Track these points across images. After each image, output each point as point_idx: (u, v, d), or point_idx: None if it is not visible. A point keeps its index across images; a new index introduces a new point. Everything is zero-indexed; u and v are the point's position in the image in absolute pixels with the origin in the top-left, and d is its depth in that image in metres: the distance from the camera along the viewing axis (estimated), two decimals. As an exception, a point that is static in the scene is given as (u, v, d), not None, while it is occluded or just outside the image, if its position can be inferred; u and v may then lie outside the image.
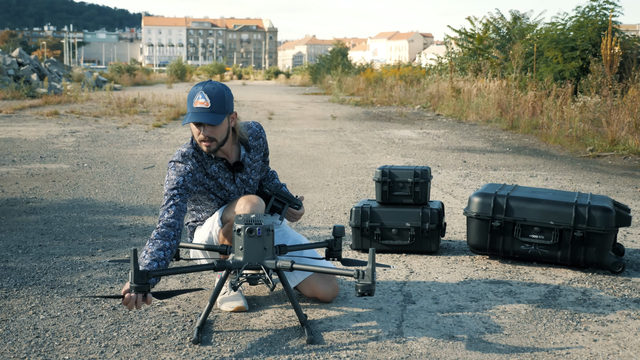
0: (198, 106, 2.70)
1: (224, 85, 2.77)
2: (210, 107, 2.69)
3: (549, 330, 2.71)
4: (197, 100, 2.70)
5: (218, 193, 2.91)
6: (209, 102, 2.70)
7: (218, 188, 2.90)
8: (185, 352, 2.43)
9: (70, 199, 5.21)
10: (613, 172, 7.11)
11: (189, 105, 2.74)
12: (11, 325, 2.65)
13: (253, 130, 2.99)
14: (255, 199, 2.79)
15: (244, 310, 2.84)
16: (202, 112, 2.69)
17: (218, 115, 2.71)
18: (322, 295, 2.95)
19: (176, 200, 2.73)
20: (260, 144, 3.02)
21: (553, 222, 3.47)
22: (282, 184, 3.20)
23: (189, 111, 2.73)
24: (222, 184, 2.89)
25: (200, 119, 2.68)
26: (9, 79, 19.04)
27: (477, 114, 13.17)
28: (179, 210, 2.71)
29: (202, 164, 2.84)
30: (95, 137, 9.42)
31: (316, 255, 3.02)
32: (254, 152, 2.98)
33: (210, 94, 2.70)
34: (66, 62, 75.74)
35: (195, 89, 2.75)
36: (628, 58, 11.79)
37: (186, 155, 2.83)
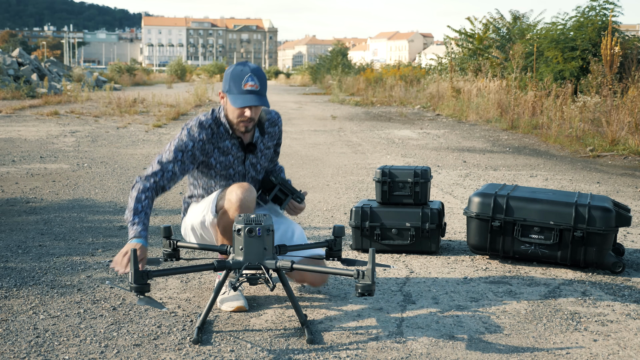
0: (249, 88, 2.73)
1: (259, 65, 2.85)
2: (259, 90, 2.75)
3: (549, 330, 2.71)
4: (247, 82, 2.73)
5: (222, 171, 2.91)
6: (258, 85, 2.74)
7: (224, 166, 2.90)
8: (185, 352, 2.43)
9: (70, 199, 5.21)
10: (613, 172, 7.11)
11: (235, 86, 2.74)
12: (11, 325, 2.65)
13: (271, 117, 3.01)
14: (247, 185, 2.79)
15: (244, 310, 2.84)
16: (255, 95, 2.73)
17: (265, 96, 2.78)
18: (311, 279, 2.95)
19: (175, 168, 2.77)
20: (276, 132, 3.03)
21: (553, 222, 3.47)
22: (287, 179, 3.20)
23: (238, 92, 2.74)
24: (231, 162, 2.90)
25: (256, 102, 2.72)
26: (9, 79, 19.05)
27: (477, 114, 13.17)
28: (174, 176, 2.78)
29: (216, 137, 2.85)
30: (95, 137, 9.42)
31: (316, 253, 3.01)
32: (268, 138, 2.99)
33: (258, 77, 2.75)
34: (66, 62, 75.73)
35: (240, 70, 2.76)
36: (628, 58, 11.79)
37: (203, 124, 2.83)
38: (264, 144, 2.99)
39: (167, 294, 3.06)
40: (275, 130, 3.04)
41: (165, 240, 2.94)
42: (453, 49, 19.03)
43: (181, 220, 3.07)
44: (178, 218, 4.62)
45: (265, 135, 2.98)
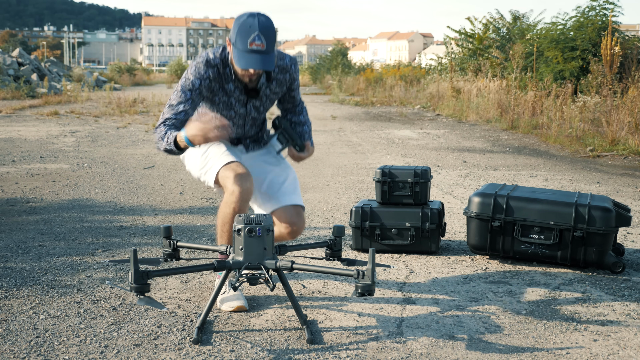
0: (254, 48, 2.61)
1: (271, 19, 2.69)
2: (265, 49, 2.63)
3: (549, 330, 2.71)
4: (253, 41, 2.61)
5: (224, 111, 2.88)
6: (265, 44, 2.62)
7: (227, 107, 2.87)
8: (185, 352, 2.43)
9: (70, 199, 5.21)
10: (613, 172, 7.11)
11: (241, 41, 2.63)
12: (11, 325, 2.65)
13: (283, 63, 2.88)
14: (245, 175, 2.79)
15: (245, 310, 2.84)
16: (260, 55, 2.62)
17: (271, 55, 2.66)
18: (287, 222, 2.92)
19: (186, 107, 2.75)
20: (286, 79, 2.92)
21: (553, 222, 3.47)
22: (304, 121, 3.10)
23: (243, 50, 2.63)
24: (232, 104, 2.86)
25: (260, 65, 2.63)
26: (9, 79, 19.05)
27: (477, 114, 13.17)
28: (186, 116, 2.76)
29: (222, 77, 2.80)
30: (95, 137, 9.42)
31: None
32: (276, 85, 2.90)
33: (266, 35, 2.62)
34: (66, 62, 75.75)
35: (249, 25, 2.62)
36: (628, 58, 11.80)
37: (210, 62, 2.77)
38: (271, 90, 2.90)
39: (167, 294, 3.06)
40: (286, 78, 2.92)
41: (165, 240, 2.94)
42: (453, 49, 19.04)
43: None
44: (178, 218, 4.62)
45: (273, 81, 2.87)
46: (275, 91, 2.93)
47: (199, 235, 4.13)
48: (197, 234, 4.17)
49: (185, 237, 4.06)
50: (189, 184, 5.96)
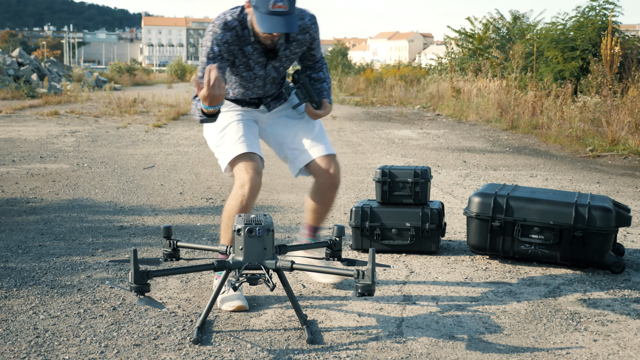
0: (276, 9, 2.54)
1: None
2: (288, 9, 2.56)
3: (549, 330, 2.71)
4: (275, 2, 2.54)
5: (244, 73, 2.84)
6: (287, 5, 2.55)
7: (246, 68, 2.82)
8: (185, 352, 2.43)
9: (70, 199, 5.21)
10: (613, 172, 7.11)
11: (262, 3, 2.56)
12: (11, 325, 2.65)
13: (303, 23, 2.80)
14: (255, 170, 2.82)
15: (245, 309, 2.84)
16: (282, 17, 2.56)
17: (294, 15, 2.60)
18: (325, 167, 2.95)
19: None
20: (306, 39, 2.85)
21: (553, 222, 3.47)
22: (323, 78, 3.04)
23: (264, 12, 2.56)
24: (251, 66, 2.82)
25: (284, 27, 2.57)
26: (9, 79, 19.05)
27: (477, 114, 13.17)
28: None
29: (240, 39, 2.72)
30: (95, 137, 9.42)
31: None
32: (296, 45, 2.84)
33: None
34: (66, 62, 75.76)
35: None
36: (628, 58, 11.80)
37: (229, 25, 2.70)
38: (291, 51, 2.84)
39: (167, 294, 3.06)
40: (306, 38, 2.84)
41: (165, 240, 2.94)
42: (453, 49, 19.04)
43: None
44: (178, 218, 4.62)
45: (292, 42, 2.81)
46: (295, 52, 2.87)
47: (199, 235, 4.13)
48: (197, 234, 4.17)
49: (185, 237, 4.06)
50: (189, 184, 5.96)
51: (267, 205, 5.11)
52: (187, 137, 9.80)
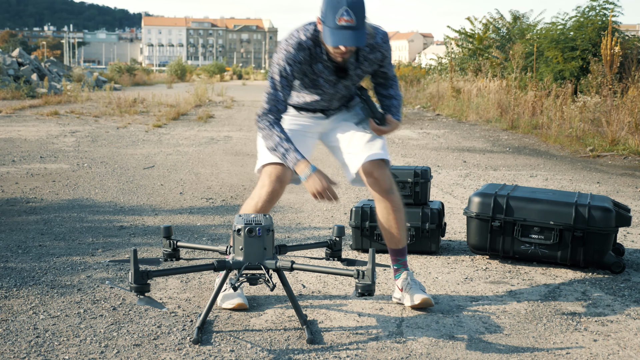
0: (343, 24, 2.54)
1: None
2: (355, 24, 2.55)
3: (549, 330, 2.71)
4: (342, 16, 2.53)
5: (311, 89, 2.85)
6: (354, 19, 2.54)
7: (314, 85, 2.83)
8: (185, 352, 2.43)
9: (70, 199, 5.21)
10: (613, 172, 7.11)
11: (330, 18, 2.56)
12: (11, 325, 2.65)
13: (374, 42, 2.77)
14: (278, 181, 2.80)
15: (245, 308, 2.84)
16: (349, 31, 2.55)
17: (363, 30, 2.58)
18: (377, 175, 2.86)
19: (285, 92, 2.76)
20: (377, 58, 2.82)
21: (553, 222, 3.47)
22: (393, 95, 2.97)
23: (333, 27, 2.56)
24: (320, 84, 2.82)
25: (350, 42, 2.56)
26: (9, 79, 19.04)
27: (477, 114, 13.17)
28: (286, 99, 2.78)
29: (312, 57, 2.73)
30: (95, 137, 9.42)
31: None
32: (367, 64, 2.81)
33: (355, 9, 2.54)
34: (66, 62, 75.76)
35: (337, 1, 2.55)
36: (628, 58, 11.79)
37: (302, 45, 2.70)
38: (362, 70, 2.82)
39: (167, 294, 3.06)
40: (377, 57, 2.81)
41: (165, 240, 2.94)
42: (453, 49, 19.04)
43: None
44: (178, 218, 4.62)
45: (363, 62, 2.79)
46: (367, 70, 2.85)
47: (199, 235, 4.13)
48: (197, 234, 4.17)
49: (185, 237, 4.06)
50: (189, 184, 5.96)
51: (267, 205, 5.11)
52: (187, 137, 9.80)
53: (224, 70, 53.07)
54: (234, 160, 7.52)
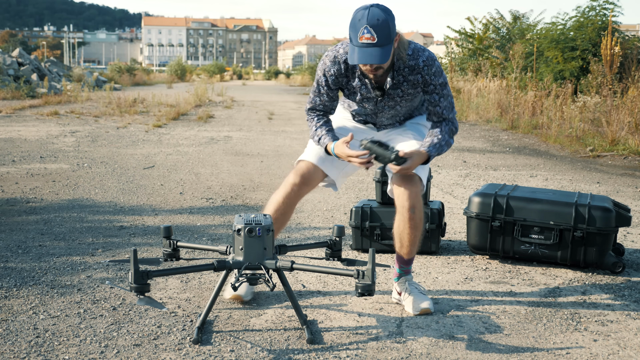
0: (364, 42, 2.55)
1: (386, 10, 2.58)
2: (377, 41, 2.55)
3: (549, 330, 2.71)
4: (363, 35, 2.54)
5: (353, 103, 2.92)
6: (375, 37, 2.54)
7: (354, 99, 2.89)
8: (185, 352, 2.43)
9: (70, 199, 5.21)
10: (613, 172, 7.11)
11: (353, 36, 2.59)
12: (11, 325, 2.65)
13: (415, 63, 2.73)
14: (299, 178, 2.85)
15: (240, 300, 2.85)
16: (370, 48, 2.55)
17: (386, 48, 2.57)
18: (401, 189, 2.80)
19: (323, 98, 2.89)
20: (418, 80, 2.76)
21: (553, 222, 3.47)
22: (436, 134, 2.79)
23: (355, 44, 2.58)
24: (360, 100, 2.87)
25: (370, 59, 2.56)
26: (9, 79, 19.04)
27: (477, 114, 13.17)
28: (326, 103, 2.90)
29: (347, 72, 2.79)
30: (95, 137, 9.42)
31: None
32: (407, 86, 2.77)
33: (375, 28, 2.53)
34: (66, 62, 75.76)
35: (358, 19, 2.56)
36: (628, 58, 11.79)
37: (337, 59, 2.78)
38: (402, 90, 2.78)
39: (167, 294, 3.06)
40: (417, 79, 2.75)
41: (165, 240, 2.94)
42: (453, 49, 19.04)
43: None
44: (178, 218, 4.62)
45: (403, 82, 2.76)
46: (409, 92, 2.80)
47: (199, 235, 4.13)
48: (197, 234, 4.17)
49: (185, 237, 4.06)
50: (189, 184, 5.96)
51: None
52: (187, 137, 9.80)
53: (224, 70, 53.08)
54: (234, 160, 7.53)
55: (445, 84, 2.80)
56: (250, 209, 4.94)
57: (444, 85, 2.80)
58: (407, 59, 2.73)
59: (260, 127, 11.54)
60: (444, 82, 2.80)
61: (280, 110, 16.13)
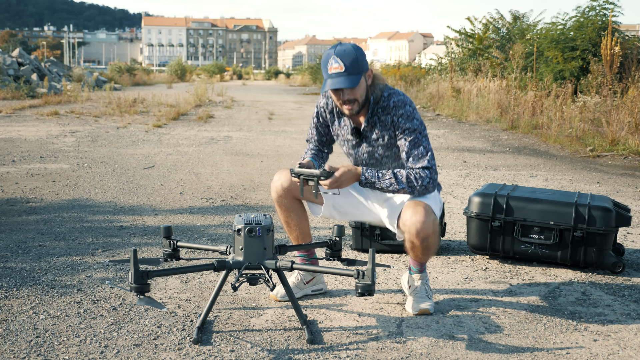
0: (333, 72, 2.66)
1: (354, 45, 2.72)
2: (345, 70, 2.65)
3: (549, 330, 2.71)
4: (331, 65, 2.67)
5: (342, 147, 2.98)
6: (343, 66, 2.65)
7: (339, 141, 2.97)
8: (185, 352, 2.43)
9: (70, 199, 5.21)
10: (613, 172, 7.11)
11: (324, 72, 2.71)
12: (11, 325, 2.65)
13: (387, 104, 2.76)
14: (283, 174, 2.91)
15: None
16: (339, 76, 2.65)
17: (354, 76, 2.66)
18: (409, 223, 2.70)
19: (313, 132, 3.01)
20: (387, 122, 2.75)
21: (553, 222, 3.47)
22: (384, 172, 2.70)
23: (326, 78, 2.70)
24: (342, 142, 2.94)
25: (338, 84, 2.64)
26: (9, 79, 19.04)
27: (477, 114, 13.17)
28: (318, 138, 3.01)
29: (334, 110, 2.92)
30: (95, 137, 9.42)
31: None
32: (380, 127, 2.77)
33: (342, 56, 2.65)
34: (66, 62, 75.75)
35: (327, 54, 2.70)
36: (628, 58, 11.79)
37: (327, 94, 2.92)
38: (376, 134, 2.79)
39: (167, 294, 3.06)
40: (387, 120, 2.75)
41: (165, 240, 2.94)
42: (453, 49, 19.03)
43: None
44: (178, 218, 4.62)
45: (377, 123, 2.78)
46: (382, 135, 2.78)
47: (199, 235, 4.13)
48: (197, 234, 4.17)
49: (185, 237, 4.06)
50: (189, 184, 5.96)
51: (267, 205, 5.11)
52: (187, 137, 9.80)
53: (224, 70, 53.07)
54: (234, 160, 7.53)
55: (415, 131, 2.72)
56: (250, 209, 4.94)
57: (413, 131, 2.72)
58: (381, 100, 2.77)
59: (260, 127, 11.54)
60: (414, 129, 2.72)
61: (280, 110, 16.13)
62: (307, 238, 2.99)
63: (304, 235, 2.98)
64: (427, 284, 2.92)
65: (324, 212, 2.96)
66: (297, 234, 2.98)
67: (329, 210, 2.96)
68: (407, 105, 2.75)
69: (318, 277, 3.05)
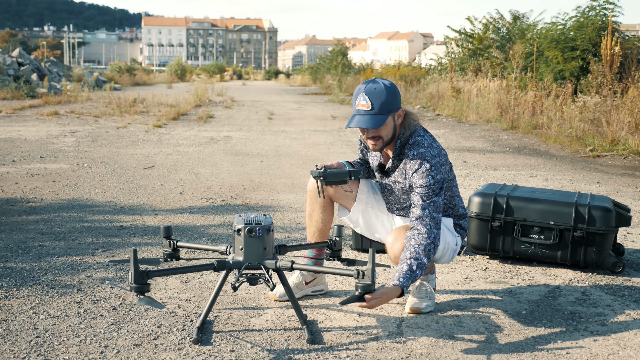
0: (360, 108, 2.68)
1: (388, 84, 2.68)
2: (371, 109, 2.66)
3: (549, 330, 2.71)
4: (359, 102, 2.68)
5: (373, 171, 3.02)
6: (370, 104, 2.65)
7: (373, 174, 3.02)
8: (185, 352, 2.43)
9: (70, 199, 5.21)
10: (613, 172, 7.11)
11: (353, 105, 2.73)
12: (11, 325, 2.65)
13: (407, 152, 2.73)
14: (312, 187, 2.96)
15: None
16: (363, 114, 2.67)
17: (380, 116, 2.65)
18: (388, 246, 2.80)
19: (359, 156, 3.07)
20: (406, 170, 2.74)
21: (553, 222, 3.47)
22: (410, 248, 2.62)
23: (353, 112, 2.73)
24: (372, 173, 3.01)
25: (361, 123, 2.66)
26: (9, 79, 19.04)
27: (477, 114, 13.17)
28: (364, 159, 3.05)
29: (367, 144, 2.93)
30: (95, 137, 9.42)
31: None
32: (398, 173, 2.79)
33: (371, 95, 2.65)
34: (66, 62, 75.76)
35: (358, 89, 2.71)
36: (628, 58, 11.79)
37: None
38: (396, 177, 2.80)
39: (167, 294, 3.06)
40: (405, 169, 2.74)
41: (165, 240, 2.94)
42: (453, 49, 19.03)
43: None
44: (178, 218, 4.62)
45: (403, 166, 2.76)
46: (398, 180, 2.80)
47: (199, 235, 4.13)
48: (197, 234, 4.17)
49: (185, 237, 4.06)
50: (189, 184, 5.96)
51: (267, 205, 5.11)
52: (187, 137, 9.80)
53: (223, 70, 53.09)
54: (234, 160, 7.52)
55: (430, 187, 2.65)
56: (250, 209, 4.94)
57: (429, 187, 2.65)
58: (407, 146, 2.75)
59: (260, 127, 11.54)
60: (429, 185, 2.65)
61: (280, 110, 16.13)
62: (323, 236, 3.00)
63: (320, 233, 2.98)
64: (429, 285, 2.92)
65: (353, 214, 2.97)
66: (315, 229, 2.98)
67: (356, 215, 2.97)
68: (425, 162, 2.67)
69: (320, 278, 3.05)
